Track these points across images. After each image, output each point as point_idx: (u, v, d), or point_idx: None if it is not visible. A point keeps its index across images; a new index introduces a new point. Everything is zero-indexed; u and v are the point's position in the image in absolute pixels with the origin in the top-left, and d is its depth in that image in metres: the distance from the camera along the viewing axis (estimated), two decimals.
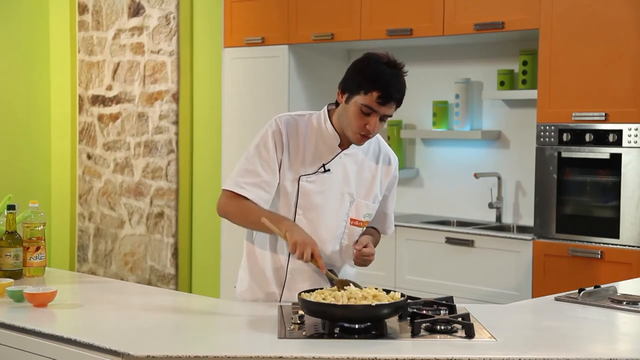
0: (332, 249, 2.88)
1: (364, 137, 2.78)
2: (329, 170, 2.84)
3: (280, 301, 2.89)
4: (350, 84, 2.75)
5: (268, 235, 2.89)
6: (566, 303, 2.91)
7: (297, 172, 2.84)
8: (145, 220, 6.38)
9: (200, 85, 6.22)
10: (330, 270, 2.74)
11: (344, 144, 2.86)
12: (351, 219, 2.89)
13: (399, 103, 2.74)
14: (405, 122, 5.60)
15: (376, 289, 2.57)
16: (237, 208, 2.80)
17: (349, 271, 2.99)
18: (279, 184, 2.84)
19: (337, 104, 2.84)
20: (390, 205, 3.05)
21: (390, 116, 2.75)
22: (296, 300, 2.57)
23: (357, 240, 2.90)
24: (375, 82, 2.68)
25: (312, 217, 2.83)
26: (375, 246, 2.98)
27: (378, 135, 2.96)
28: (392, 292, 2.53)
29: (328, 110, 2.88)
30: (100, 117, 6.67)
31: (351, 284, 2.56)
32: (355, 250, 2.85)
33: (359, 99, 2.71)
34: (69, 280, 3.38)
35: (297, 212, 2.83)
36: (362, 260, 2.86)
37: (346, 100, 2.76)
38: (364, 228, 2.95)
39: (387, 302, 2.44)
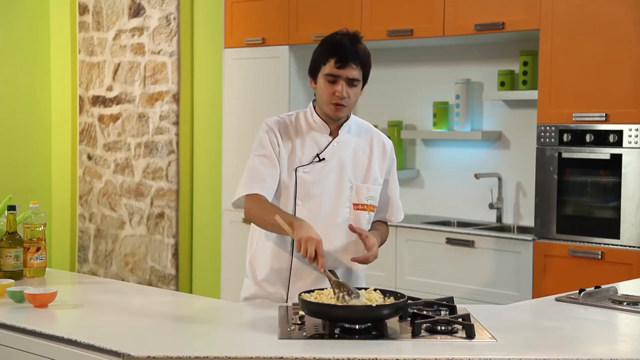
0: (339, 237, 2.90)
1: (338, 105, 2.85)
2: (323, 159, 2.90)
3: (287, 302, 2.90)
4: (314, 65, 2.89)
5: (271, 238, 2.92)
6: (567, 303, 2.91)
7: (293, 166, 2.90)
8: (146, 220, 6.38)
9: (201, 85, 6.21)
10: (330, 271, 2.74)
11: (334, 133, 2.94)
12: (354, 204, 2.93)
13: (362, 66, 2.83)
14: (405, 122, 5.60)
15: (375, 290, 2.58)
16: (257, 213, 2.85)
17: (359, 272, 2.99)
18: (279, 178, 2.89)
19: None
20: (393, 188, 3.07)
21: (357, 80, 2.84)
22: None
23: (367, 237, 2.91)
24: (330, 50, 2.83)
25: (311, 206, 2.88)
26: (382, 242, 3.02)
27: (369, 124, 3.06)
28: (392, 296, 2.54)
29: (314, 106, 2.96)
30: (101, 118, 6.67)
31: (348, 287, 2.54)
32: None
33: (322, 72, 2.84)
34: (69, 281, 3.38)
35: (297, 203, 2.88)
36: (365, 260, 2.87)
37: (315, 82, 2.89)
38: (371, 213, 2.98)
39: (387, 303, 2.44)
